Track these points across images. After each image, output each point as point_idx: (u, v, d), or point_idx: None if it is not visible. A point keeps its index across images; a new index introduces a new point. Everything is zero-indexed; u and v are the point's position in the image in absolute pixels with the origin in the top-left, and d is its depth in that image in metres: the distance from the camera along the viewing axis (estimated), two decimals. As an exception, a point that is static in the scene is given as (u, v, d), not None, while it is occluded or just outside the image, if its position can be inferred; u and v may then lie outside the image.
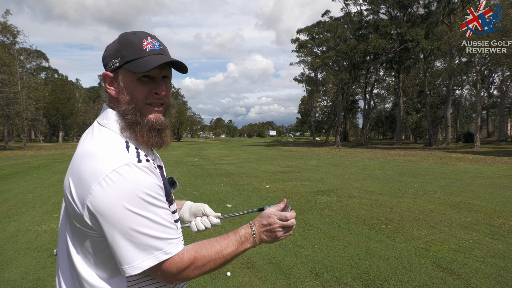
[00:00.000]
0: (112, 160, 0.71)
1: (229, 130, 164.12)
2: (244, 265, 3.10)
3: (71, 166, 0.75)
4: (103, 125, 0.80)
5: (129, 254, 0.71)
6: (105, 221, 0.69)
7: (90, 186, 0.69)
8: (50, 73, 59.50)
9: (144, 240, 0.72)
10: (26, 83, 29.68)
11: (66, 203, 0.75)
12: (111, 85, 0.83)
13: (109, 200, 0.69)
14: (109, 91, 0.84)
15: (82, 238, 0.75)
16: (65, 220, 0.79)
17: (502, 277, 2.80)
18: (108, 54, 0.83)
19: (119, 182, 0.69)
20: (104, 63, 0.84)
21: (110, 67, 0.82)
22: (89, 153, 0.74)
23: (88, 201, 0.69)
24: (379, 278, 2.80)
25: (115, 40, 0.84)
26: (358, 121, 71.45)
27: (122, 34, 0.83)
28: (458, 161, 15.70)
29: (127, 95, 0.81)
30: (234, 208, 5.55)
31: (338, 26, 36.83)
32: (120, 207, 0.69)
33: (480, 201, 5.92)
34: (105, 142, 0.76)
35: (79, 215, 0.72)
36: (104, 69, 0.84)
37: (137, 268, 0.71)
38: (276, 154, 22.49)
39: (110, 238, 0.71)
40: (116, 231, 0.70)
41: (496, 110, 41.69)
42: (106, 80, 0.84)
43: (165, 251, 0.73)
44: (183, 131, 76.50)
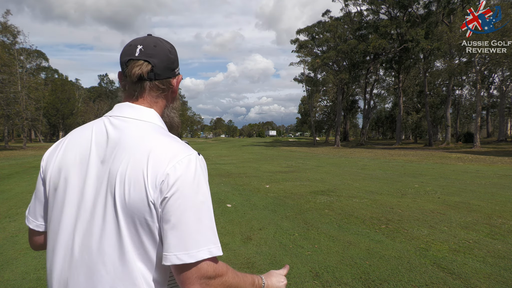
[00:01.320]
0: (189, 148, 0.76)
1: (229, 130, 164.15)
2: (244, 265, 3.10)
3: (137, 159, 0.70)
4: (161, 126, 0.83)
5: (204, 235, 0.69)
6: (188, 188, 0.69)
7: (174, 156, 0.71)
8: (50, 73, 59.50)
9: (209, 226, 0.71)
10: (26, 83, 29.66)
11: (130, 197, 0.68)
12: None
13: (193, 173, 0.71)
14: (175, 94, 0.89)
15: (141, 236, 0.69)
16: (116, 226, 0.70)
17: (502, 277, 2.80)
18: (176, 59, 0.86)
19: (199, 163, 0.74)
20: (174, 67, 0.85)
21: (177, 72, 0.87)
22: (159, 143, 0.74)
23: (168, 178, 0.68)
24: (379, 278, 2.80)
25: (169, 44, 0.85)
26: (358, 121, 71.52)
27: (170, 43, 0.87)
28: (458, 161, 15.70)
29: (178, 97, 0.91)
30: (234, 208, 5.55)
31: (338, 26, 36.83)
32: (203, 183, 0.73)
33: (480, 201, 5.92)
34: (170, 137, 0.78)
35: (146, 205, 0.68)
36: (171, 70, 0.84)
37: (192, 256, 0.68)
38: (276, 154, 22.49)
39: (177, 217, 0.68)
40: (190, 208, 0.69)
41: (496, 110, 41.70)
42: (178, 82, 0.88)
43: (218, 246, 0.72)
44: (183, 131, 76.45)
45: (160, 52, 0.80)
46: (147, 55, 0.78)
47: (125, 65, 0.79)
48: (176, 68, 0.86)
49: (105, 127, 0.77)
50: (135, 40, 0.82)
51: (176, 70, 0.85)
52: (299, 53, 40.75)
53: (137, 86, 0.80)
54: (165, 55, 0.81)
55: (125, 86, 0.83)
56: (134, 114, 0.78)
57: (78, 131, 0.81)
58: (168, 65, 0.82)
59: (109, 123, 0.77)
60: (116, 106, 0.82)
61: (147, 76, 0.78)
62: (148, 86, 0.80)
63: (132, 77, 0.78)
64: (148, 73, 0.78)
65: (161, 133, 0.77)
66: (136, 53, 0.78)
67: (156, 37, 0.84)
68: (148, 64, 0.78)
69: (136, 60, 0.78)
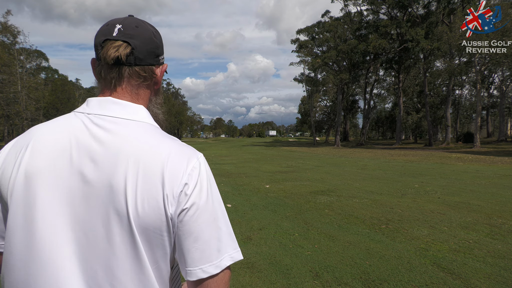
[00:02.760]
0: (193, 149, 0.68)
1: (229, 130, 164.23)
2: (244, 265, 3.10)
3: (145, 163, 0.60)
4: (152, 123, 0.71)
5: (225, 242, 0.64)
6: (205, 194, 0.63)
7: (187, 164, 0.63)
8: (50, 73, 59.51)
9: (228, 232, 0.66)
10: (26, 83, 29.69)
11: (145, 213, 0.59)
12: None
13: (205, 179, 0.65)
14: (158, 86, 0.76)
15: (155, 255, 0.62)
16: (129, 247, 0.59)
17: (502, 277, 2.80)
18: (161, 45, 0.72)
19: (207, 165, 0.68)
20: (158, 53, 0.71)
21: (162, 60, 0.74)
22: (168, 147, 0.65)
23: (185, 181, 0.61)
24: (379, 278, 2.80)
25: (152, 27, 0.71)
26: (358, 121, 71.51)
27: (154, 27, 0.72)
28: (458, 161, 15.70)
29: (161, 91, 0.79)
30: (234, 208, 5.55)
31: (338, 26, 36.85)
32: (215, 186, 0.67)
33: (480, 201, 5.92)
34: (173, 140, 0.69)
35: (163, 220, 0.60)
36: (155, 56, 0.70)
37: (218, 266, 0.63)
38: (276, 154, 22.49)
39: (205, 220, 0.62)
40: (214, 206, 0.64)
41: (496, 110, 41.69)
42: (162, 72, 0.74)
43: (238, 250, 0.67)
44: (183, 131, 76.48)
45: (143, 33, 0.67)
46: (126, 36, 0.65)
47: (100, 47, 0.65)
48: (161, 56, 0.72)
49: (87, 129, 0.63)
50: (114, 20, 0.68)
51: (160, 58, 0.72)
52: (299, 53, 40.77)
53: (113, 71, 0.66)
54: (148, 38, 0.68)
55: (100, 73, 0.68)
56: (123, 113, 0.65)
57: (46, 132, 0.64)
58: (151, 49, 0.68)
59: (93, 123, 0.63)
60: (96, 102, 0.66)
61: (125, 59, 0.64)
62: (127, 72, 0.66)
63: (108, 59, 0.64)
64: (127, 56, 0.65)
65: (163, 135, 0.67)
66: (114, 33, 0.65)
67: (139, 19, 0.70)
68: (128, 45, 0.65)
69: (114, 41, 0.64)
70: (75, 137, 0.62)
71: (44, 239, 0.58)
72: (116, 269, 0.59)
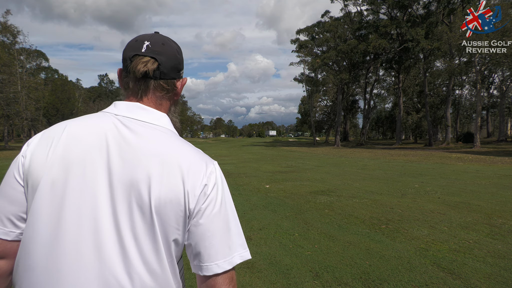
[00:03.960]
0: (209, 157, 0.76)
1: (229, 130, 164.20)
2: (244, 265, 3.10)
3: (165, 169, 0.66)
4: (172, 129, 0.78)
5: (235, 241, 0.71)
6: (220, 195, 0.71)
7: (206, 168, 0.71)
8: (50, 73, 59.51)
9: (239, 232, 0.74)
10: (26, 83, 29.66)
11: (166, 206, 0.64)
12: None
13: (221, 182, 0.72)
14: (178, 97, 0.84)
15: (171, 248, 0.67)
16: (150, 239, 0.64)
17: (502, 277, 2.80)
18: (182, 60, 0.81)
19: (221, 171, 0.76)
20: (180, 68, 0.80)
21: (182, 74, 0.82)
22: (187, 152, 0.72)
23: (205, 182, 0.69)
24: (379, 278, 2.80)
25: (175, 44, 0.80)
26: (358, 121, 71.50)
27: (177, 44, 0.82)
28: (458, 161, 15.70)
29: (180, 101, 0.88)
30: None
31: (338, 26, 36.84)
32: (227, 189, 0.74)
33: (480, 201, 5.92)
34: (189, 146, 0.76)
35: (182, 216, 0.66)
36: (177, 71, 0.79)
37: (238, 258, 0.71)
38: (276, 154, 22.49)
39: (219, 219, 0.69)
40: (226, 208, 0.71)
41: (496, 110, 41.69)
42: (183, 85, 0.83)
43: (247, 250, 0.74)
44: (183, 131, 76.51)
45: (168, 51, 0.76)
46: (154, 52, 0.73)
47: (130, 61, 0.73)
48: (182, 70, 0.81)
49: (117, 129, 0.69)
50: (142, 36, 0.76)
51: (181, 72, 0.81)
52: (299, 53, 40.76)
53: (141, 83, 0.74)
54: (173, 54, 0.77)
55: (128, 84, 0.76)
56: (149, 118, 0.73)
57: (79, 127, 0.70)
58: (175, 65, 0.77)
59: (122, 124, 0.70)
60: (124, 105, 0.74)
61: (152, 74, 0.73)
62: (152, 85, 0.75)
63: (137, 73, 0.72)
64: (154, 71, 0.73)
65: (182, 140, 0.74)
66: (142, 49, 0.73)
67: (165, 36, 0.80)
68: (155, 61, 0.73)
69: (142, 56, 0.72)
70: (106, 135, 0.68)
71: (70, 225, 0.63)
72: (135, 260, 0.63)
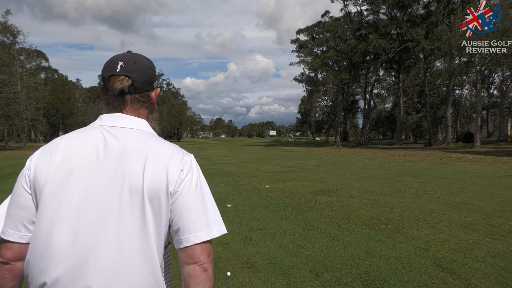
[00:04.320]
0: (182, 149, 0.90)
1: (229, 130, 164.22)
2: (244, 265, 3.10)
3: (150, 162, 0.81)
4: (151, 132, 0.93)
5: (212, 217, 0.83)
6: (195, 178, 0.85)
7: (182, 157, 0.85)
8: (50, 73, 59.49)
9: (215, 209, 0.87)
10: (26, 83, 29.65)
11: (153, 190, 0.78)
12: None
13: (196, 168, 0.87)
14: (154, 106, 0.97)
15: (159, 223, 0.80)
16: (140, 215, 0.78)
17: (502, 277, 2.80)
18: (154, 74, 0.93)
19: (195, 161, 0.91)
20: (152, 81, 0.92)
21: (155, 85, 0.94)
22: (165, 147, 0.86)
23: (181, 168, 0.83)
24: (379, 278, 2.80)
25: (147, 60, 0.93)
26: (358, 121, 71.47)
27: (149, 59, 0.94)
28: (458, 161, 15.70)
29: (156, 108, 1.00)
30: (234, 208, 5.55)
31: (338, 26, 36.83)
32: (202, 175, 0.89)
33: (480, 201, 5.92)
34: (167, 142, 0.90)
35: (165, 195, 0.79)
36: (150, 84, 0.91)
37: (215, 232, 0.83)
38: (276, 154, 22.49)
39: (195, 198, 0.82)
40: (202, 189, 0.85)
41: (496, 110, 41.69)
42: (157, 95, 0.96)
43: (223, 226, 0.86)
44: (183, 131, 76.45)
45: (140, 68, 0.87)
46: (127, 71, 0.85)
47: (107, 80, 0.85)
48: (155, 82, 0.93)
49: (104, 137, 0.82)
50: (116, 56, 0.88)
51: (154, 84, 0.93)
52: (299, 53, 40.76)
53: (119, 99, 0.87)
54: (144, 71, 0.88)
55: (108, 100, 0.89)
56: (131, 125, 0.87)
57: (74, 140, 0.83)
58: (147, 80, 0.89)
59: (108, 132, 0.84)
60: (108, 117, 0.87)
61: (127, 90, 0.85)
62: (129, 99, 0.87)
63: (114, 91, 0.84)
64: (129, 87, 0.85)
65: (162, 139, 0.89)
66: (117, 69, 0.84)
67: (136, 54, 0.91)
68: (129, 79, 0.85)
69: (118, 76, 0.84)
70: (96, 143, 0.82)
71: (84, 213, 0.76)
72: (125, 237, 0.75)
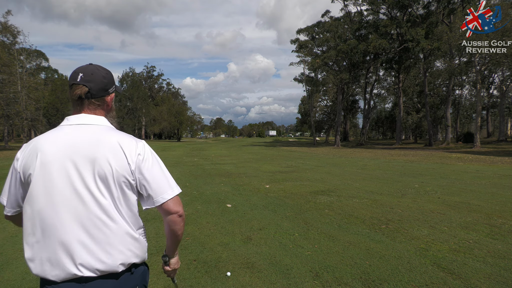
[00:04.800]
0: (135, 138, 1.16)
1: (229, 130, 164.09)
2: (244, 265, 3.10)
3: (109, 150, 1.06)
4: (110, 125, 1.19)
5: (171, 181, 1.16)
6: (150, 158, 1.12)
7: (137, 144, 1.12)
8: (50, 73, 59.48)
9: (170, 176, 1.18)
10: (26, 83, 29.62)
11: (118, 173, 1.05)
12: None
13: (149, 149, 1.15)
14: (110, 107, 1.22)
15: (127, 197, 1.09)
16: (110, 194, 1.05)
17: (502, 277, 2.79)
18: (110, 82, 1.18)
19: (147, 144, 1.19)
20: (107, 88, 1.17)
21: (111, 91, 1.20)
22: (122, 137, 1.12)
23: (139, 152, 1.10)
24: (379, 278, 2.80)
25: (104, 71, 1.18)
26: (358, 121, 71.45)
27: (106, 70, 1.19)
28: (458, 161, 15.70)
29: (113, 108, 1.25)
30: (234, 208, 5.55)
31: (338, 26, 36.81)
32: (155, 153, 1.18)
33: (480, 201, 5.92)
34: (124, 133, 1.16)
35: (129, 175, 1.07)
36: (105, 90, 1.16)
37: (176, 190, 1.16)
38: (276, 154, 22.49)
39: (155, 171, 1.12)
40: (159, 164, 1.14)
41: (496, 110, 41.68)
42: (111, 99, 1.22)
43: (178, 187, 1.18)
44: (183, 131, 76.40)
45: (96, 78, 1.12)
46: (85, 81, 1.10)
47: (70, 88, 1.12)
48: (110, 88, 1.18)
49: (72, 132, 1.08)
50: (78, 68, 1.13)
51: (110, 90, 1.18)
52: (299, 53, 40.75)
53: (78, 102, 1.12)
54: (100, 81, 1.13)
55: (72, 103, 1.14)
56: (91, 121, 1.12)
57: (48, 140, 1.07)
58: (102, 88, 1.13)
59: (74, 129, 1.09)
60: (73, 117, 1.12)
61: (84, 96, 1.10)
62: (86, 103, 1.12)
63: (74, 96, 1.11)
64: (86, 94, 1.10)
65: (120, 131, 1.15)
66: (77, 79, 1.09)
67: (95, 66, 1.15)
68: (85, 87, 1.10)
69: (77, 84, 1.10)
70: (66, 140, 1.07)
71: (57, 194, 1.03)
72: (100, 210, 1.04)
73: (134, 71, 77.18)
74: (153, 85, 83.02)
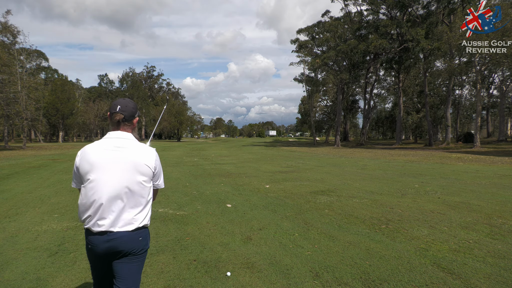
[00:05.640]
0: (153, 149, 1.81)
1: (229, 130, 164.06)
2: (244, 265, 3.10)
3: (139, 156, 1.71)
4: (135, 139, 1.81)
5: (163, 179, 1.88)
6: (159, 168, 1.80)
7: (153, 152, 1.78)
8: (50, 73, 59.48)
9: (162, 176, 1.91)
10: (26, 83, 29.61)
11: (144, 171, 1.69)
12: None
13: (159, 160, 1.83)
14: (134, 126, 1.84)
15: (145, 189, 1.71)
16: (136, 185, 1.67)
17: (502, 277, 2.79)
18: (136, 111, 1.81)
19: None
20: (135, 115, 1.79)
21: (136, 116, 1.82)
22: (144, 148, 1.76)
23: (155, 163, 1.76)
24: (379, 278, 2.80)
25: (132, 104, 1.79)
26: (358, 121, 71.47)
27: (134, 103, 1.82)
28: (458, 161, 15.70)
29: (136, 126, 1.98)
30: (234, 208, 5.55)
31: (338, 26, 36.81)
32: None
33: (480, 201, 5.92)
34: (144, 144, 1.83)
35: (149, 174, 1.72)
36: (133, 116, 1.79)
37: (162, 185, 1.88)
38: (276, 154, 22.49)
39: (160, 176, 1.82)
40: (161, 172, 1.85)
41: (496, 110, 41.68)
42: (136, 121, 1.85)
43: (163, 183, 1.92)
44: (183, 131, 76.41)
45: (129, 109, 1.75)
46: (122, 111, 1.72)
47: (111, 114, 1.72)
48: (136, 114, 1.79)
49: (112, 143, 1.69)
50: (116, 101, 1.75)
51: (136, 115, 1.79)
52: (299, 53, 40.79)
53: (117, 124, 1.74)
54: (131, 111, 1.76)
55: (113, 124, 1.75)
56: (125, 136, 1.74)
57: (93, 148, 1.69)
58: (131, 115, 1.76)
59: (114, 140, 1.70)
60: (113, 133, 1.73)
61: (122, 120, 1.73)
62: (121, 124, 1.75)
63: (114, 121, 1.73)
64: (122, 119, 1.73)
65: (140, 143, 1.77)
66: (116, 109, 1.71)
67: (127, 100, 1.78)
68: (122, 115, 1.72)
69: (116, 113, 1.71)
70: (107, 146, 1.69)
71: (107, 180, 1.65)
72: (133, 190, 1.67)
73: (134, 71, 77.32)
74: (153, 85, 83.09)
